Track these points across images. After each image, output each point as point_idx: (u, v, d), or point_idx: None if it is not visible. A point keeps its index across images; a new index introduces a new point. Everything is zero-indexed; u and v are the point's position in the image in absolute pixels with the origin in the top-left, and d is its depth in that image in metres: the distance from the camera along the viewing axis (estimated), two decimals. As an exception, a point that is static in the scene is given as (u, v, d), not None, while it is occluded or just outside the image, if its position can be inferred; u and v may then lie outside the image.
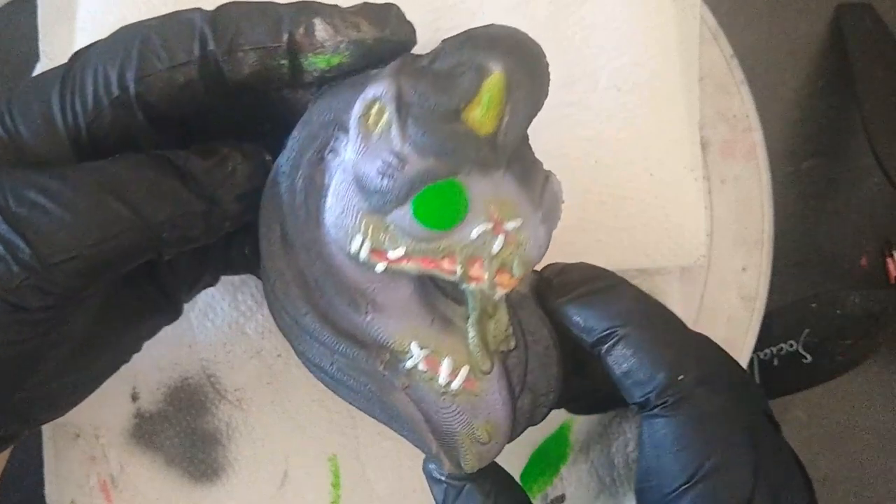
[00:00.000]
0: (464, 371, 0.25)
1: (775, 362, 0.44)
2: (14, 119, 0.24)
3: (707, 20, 0.40)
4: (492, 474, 0.27)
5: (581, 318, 0.26)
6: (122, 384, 0.37)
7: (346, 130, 0.24)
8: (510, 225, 0.24)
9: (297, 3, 0.24)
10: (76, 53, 0.25)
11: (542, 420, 0.27)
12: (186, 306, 0.32)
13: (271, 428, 0.38)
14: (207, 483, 0.38)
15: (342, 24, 0.24)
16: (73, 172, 0.23)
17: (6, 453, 0.31)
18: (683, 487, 0.24)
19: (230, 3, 0.24)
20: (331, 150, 0.24)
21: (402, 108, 0.23)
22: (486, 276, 0.24)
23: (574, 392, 0.29)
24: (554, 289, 0.26)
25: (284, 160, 0.25)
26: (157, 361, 0.37)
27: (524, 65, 0.23)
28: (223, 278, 0.33)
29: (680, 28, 0.38)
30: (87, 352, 0.27)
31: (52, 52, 0.37)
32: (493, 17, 0.37)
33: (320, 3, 0.24)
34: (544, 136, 0.26)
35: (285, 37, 0.23)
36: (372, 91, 0.23)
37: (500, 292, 0.25)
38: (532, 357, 0.26)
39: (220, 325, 0.37)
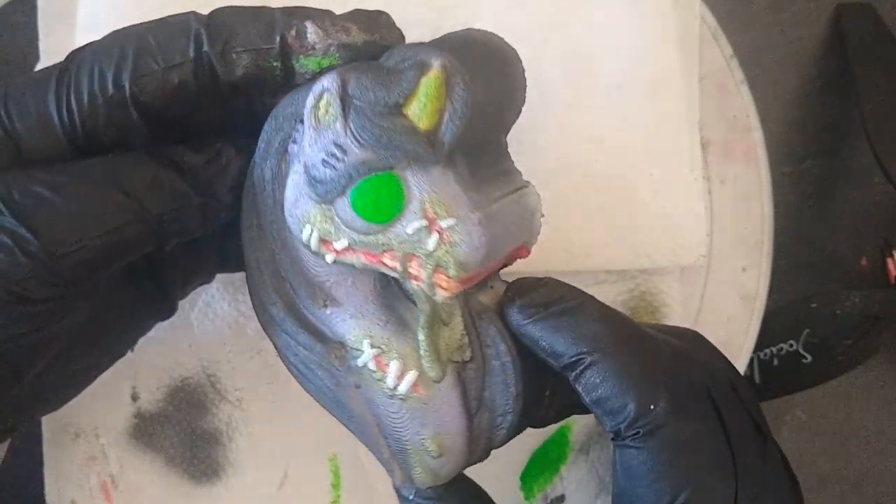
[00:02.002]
0: (411, 376, 0.25)
1: (775, 362, 0.44)
2: (10, 116, 0.24)
3: (707, 20, 0.40)
4: (463, 493, 0.27)
5: (548, 343, 0.25)
6: (122, 384, 0.37)
7: (301, 121, 0.24)
8: (445, 223, 0.23)
9: (289, 7, 0.25)
10: (72, 53, 0.25)
11: (503, 444, 0.26)
12: (187, 306, 0.33)
13: (271, 428, 0.38)
14: (207, 483, 0.38)
15: (332, 28, 0.24)
16: (76, 167, 0.24)
17: (3, 446, 0.31)
18: None
19: (225, 7, 0.25)
20: (293, 141, 0.25)
21: (345, 99, 0.23)
22: (423, 275, 0.24)
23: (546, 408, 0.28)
24: (518, 309, 0.25)
25: (258, 152, 0.26)
26: (157, 361, 0.37)
27: (474, 64, 0.24)
28: (224, 278, 0.33)
29: (680, 28, 0.38)
30: (83, 346, 0.27)
31: (52, 52, 0.37)
32: (494, 16, 0.37)
33: (312, 7, 0.25)
34: (544, 136, 0.26)
35: (277, 39, 0.24)
36: (321, 84, 0.23)
37: (441, 294, 0.24)
38: (490, 372, 0.25)
39: (220, 325, 0.37)
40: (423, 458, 0.25)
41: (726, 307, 0.40)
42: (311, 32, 0.24)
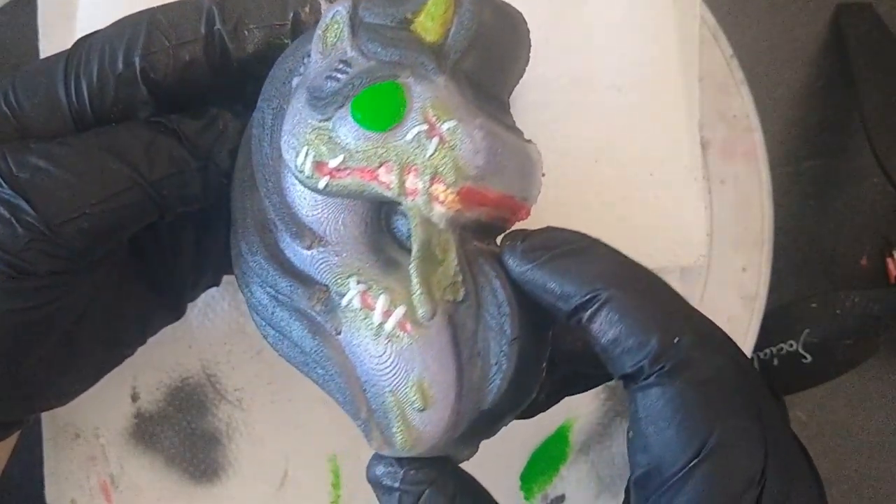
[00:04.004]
0: (400, 310, 0.23)
1: (775, 362, 0.44)
2: (18, 96, 0.25)
3: (707, 20, 0.40)
4: (455, 477, 0.25)
5: (556, 284, 0.22)
6: (122, 384, 0.37)
7: (310, 55, 0.25)
8: (445, 126, 0.23)
9: None
10: (80, 38, 0.26)
11: (493, 407, 0.24)
12: (191, 302, 0.33)
13: (271, 428, 0.38)
14: (207, 483, 0.38)
15: None
16: (72, 138, 0.24)
17: (10, 443, 0.31)
18: (690, 465, 0.21)
19: None
20: (297, 74, 0.25)
21: (355, 19, 0.24)
22: (420, 186, 0.23)
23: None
24: (521, 253, 0.23)
25: (261, 98, 0.25)
26: (157, 361, 0.37)
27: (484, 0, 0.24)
28: (225, 278, 0.33)
29: (680, 28, 0.38)
30: (92, 341, 0.27)
31: (52, 52, 0.36)
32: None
33: None
34: (545, 136, 0.26)
35: (291, 15, 0.25)
36: (333, 9, 0.24)
37: (438, 211, 0.23)
38: (484, 314, 0.23)
39: (220, 325, 0.37)
40: (405, 413, 0.23)
41: (726, 307, 0.40)
42: (326, 7, 0.25)
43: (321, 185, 0.24)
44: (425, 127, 0.23)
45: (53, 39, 0.37)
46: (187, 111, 0.26)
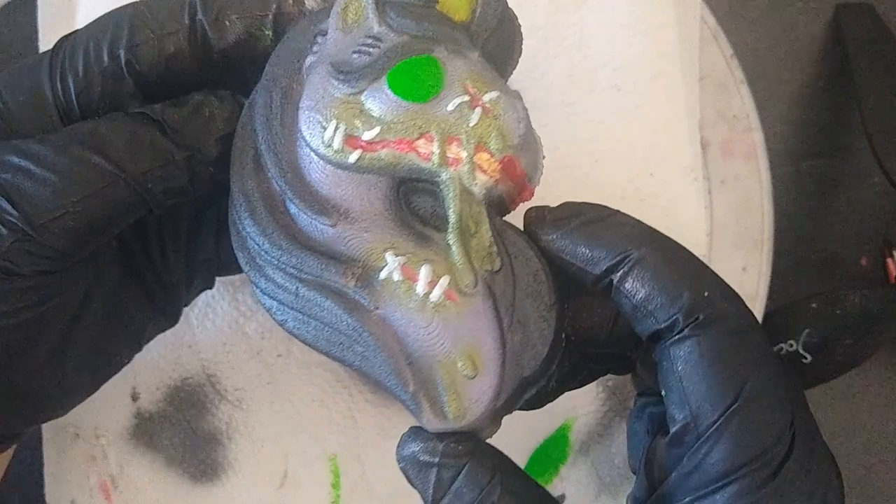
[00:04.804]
0: (444, 280, 0.23)
1: (775, 362, 0.44)
2: (2, 96, 0.25)
3: (707, 20, 0.40)
4: (492, 449, 0.24)
5: (587, 248, 0.23)
6: (122, 384, 0.37)
7: (324, 34, 0.24)
8: (488, 97, 0.23)
9: None
10: (63, 37, 0.25)
11: (534, 379, 0.24)
12: (186, 307, 0.33)
13: (271, 428, 0.38)
14: (207, 483, 0.38)
15: None
16: (54, 136, 0.24)
17: (8, 456, 0.31)
18: (727, 413, 0.21)
19: None
20: (308, 55, 0.25)
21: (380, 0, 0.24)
22: (464, 155, 0.23)
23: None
24: (550, 222, 0.24)
25: (264, 81, 0.25)
26: (157, 361, 0.37)
27: None
28: (224, 278, 0.33)
29: (680, 28, 0.38)
30: (88, 350, 0.27)
31: (52, 52, 0.37)
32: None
33: None
34: (544, 136, 0.26)
35: (274, 6, 0.25)
36: None
37: (481, 180, 0.23)
38: (520, 283, 0.24)
39: (220, 325, 0.37)
40: (455, 382, 0.23)
41: (726, 307, 0.40)
42: None
43: (352, 158, 0.23)
44: (466, 98, 0.23)
45: (53, 39, 0.36)
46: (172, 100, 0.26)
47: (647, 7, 0.38)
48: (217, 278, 0.32)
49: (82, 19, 0.35)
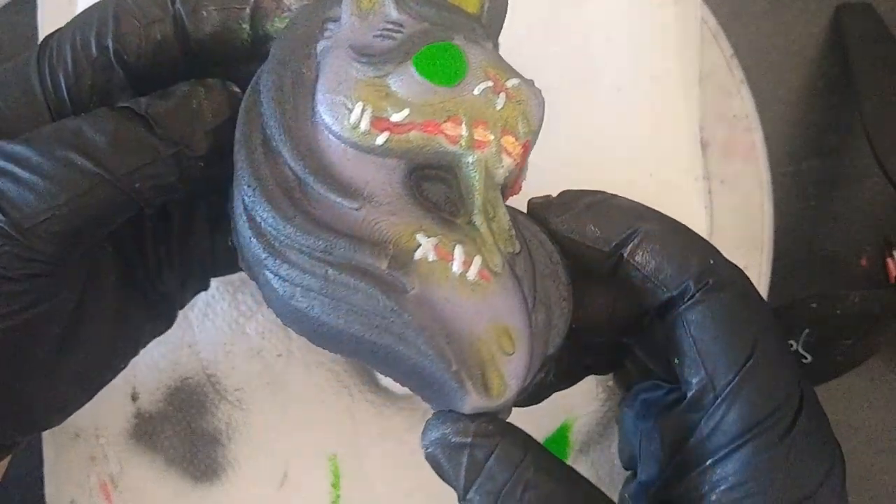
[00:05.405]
0: (478, 260, 0.23)
1: (775, 362, 0.44)
2: None
3: (707, 20, 0.40)
4: (520, 430, 0.24)
5: (597, 226, 0.24)
6: (122, 384, 0.37)
7: (335, 20, 0.25)
8: (510, 83, 0.24)
9: None
10: (49, 35, 0.25)
11: (554, 351, 0.24)
12: (186, 306, 0.32)
13: (271, 428, 0.38)
14: (207, 483, 0.38)
15: None
16: (36, 135, 0.23)
17: (4, 464, 0.31)
18: (742, 372, 0.22)
19: None
20: (319, 41, 0.25)
21: None
22: (491, 138, 0.24)
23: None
24: (557, 206, 0.25)
25: (268, 68, 0.25)
26: (157, 361, 0.37)
27: None
28: (223, 278, 0.33)
29: (680, 28, 0.38)
30: (84, 356, 0.27)
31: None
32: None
33: None
34: (543, 135, 0.26)
35: (252, 1, 0.25)
36: None
37: (506, 162, 0.24)
38: (538, 265, 0.24)
39: (220, 325, 0.37)
40: (495, 359, 0.23)
41: (726, 307, 0.40)
42: None
43: (380, 140, 0.23)
44: (490, 83, 0.24)
45: (53, 39, 0.37)
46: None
47: (647, 7, 0.38)
48: (217, 278, 0.32)
49: (82, 19, 0.35)
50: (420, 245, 0.23)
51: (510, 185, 0.26)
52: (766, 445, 0.22)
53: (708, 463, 0.22)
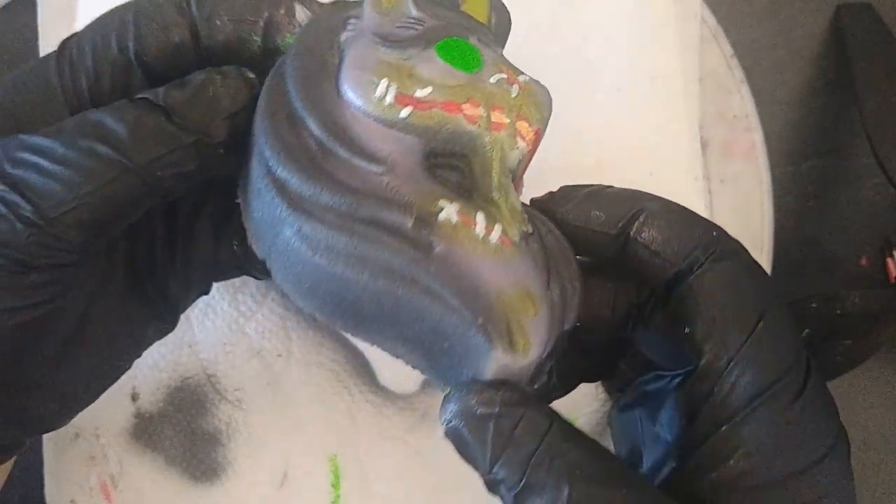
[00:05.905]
0: (498, 227, 0.24)
1: (775, 362, 0.44)
2: (10, 94, 0.25)
3: (707, 20, 0.40)
4: (542, 401, 0.24)
5: (601, 211, 0.25)
6: (122, 384, 0.37)
7: (356, 18, 0.26)
8: (521, 78, 0.26)
9: None
10: (66, 39, 0.25)
11: (569, 328, 0.25)
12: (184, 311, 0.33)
13: (271, 428, 0.38)
14: (207, 483, 0.38)
15: (318, 8, 0.26)
16: (58, 128, 0.24)
17: (8, 467, 0.31)
18: (754, 333, 0.23)
19: None
20: (342, 33, 0.26)
21: None
22: (507, 121, 0.25)
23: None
24: (560, 196, 0.26)
25: (292, 54, 0.25)
26: (157, 361, 0.37)
27: None
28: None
29: (680, 28, 0.38)
30: (88, 357, 0.27)
31: (52, 52, 0.37)
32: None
33: None
34: (544, 136, 0.26)
35: (265, 15, 0.25)
36: None
37: (521, 145, 0.25)
38: (549, 248, 0.25)
39: (220, 325, 0.37)
40: (519, 319, 0.23)
41: (726, 307, 0.40)
42: (300, 11, 0.26)
43: (403, 114, 0.24)
44: (504, 75, 0.25)
45: (53, 39, 0.37)
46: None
47: (647, 7, 0.38)
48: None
49: (82, 19, 0.35)
50: (443, 209, 0.24)
51: (518, 176, 0.26)
52: (780, 407, 0.22)
53: (724, 429, 0.23)
